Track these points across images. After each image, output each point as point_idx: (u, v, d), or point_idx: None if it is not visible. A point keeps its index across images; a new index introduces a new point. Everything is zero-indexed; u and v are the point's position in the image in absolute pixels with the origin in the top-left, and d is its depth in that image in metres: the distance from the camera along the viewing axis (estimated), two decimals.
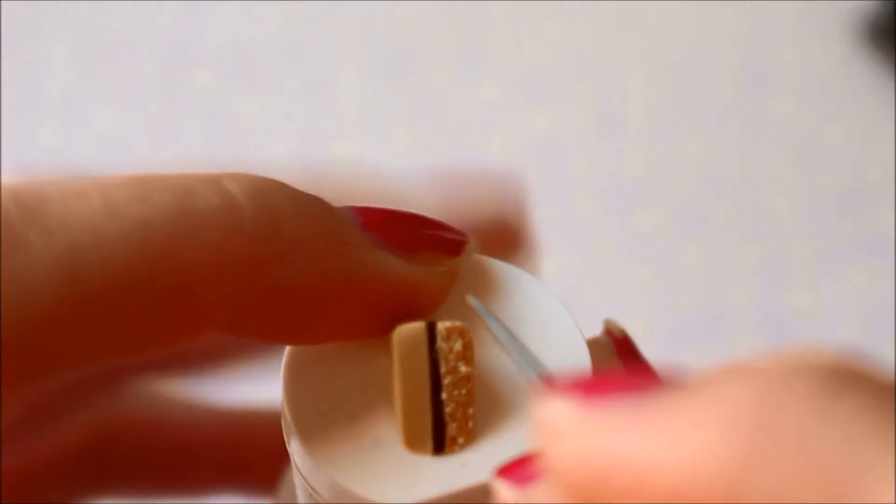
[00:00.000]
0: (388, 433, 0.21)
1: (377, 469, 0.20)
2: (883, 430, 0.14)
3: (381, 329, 0.21)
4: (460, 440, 0.21)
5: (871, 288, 0.63)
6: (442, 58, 0.70)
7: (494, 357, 0.22)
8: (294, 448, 0.21)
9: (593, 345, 0.22)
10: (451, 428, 0.21)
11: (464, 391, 0.21)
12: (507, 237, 0.25)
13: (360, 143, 0.67)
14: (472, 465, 0.21)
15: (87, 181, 0.20)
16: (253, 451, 0.30)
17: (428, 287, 0.22)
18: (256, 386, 0.29)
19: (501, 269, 0.23)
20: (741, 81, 0.69)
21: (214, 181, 0.20)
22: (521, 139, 0.67)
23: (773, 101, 0.69)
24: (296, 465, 0.21)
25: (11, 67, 0.69)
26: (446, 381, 0.21)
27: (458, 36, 0.71)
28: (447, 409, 0.21)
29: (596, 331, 0.25)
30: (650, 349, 0.67)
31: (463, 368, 0.21)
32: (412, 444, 0.21)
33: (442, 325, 0.21)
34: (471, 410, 0.21)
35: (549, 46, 0.71)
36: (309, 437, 0.21)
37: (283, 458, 0.28)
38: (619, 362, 0.23)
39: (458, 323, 0.21)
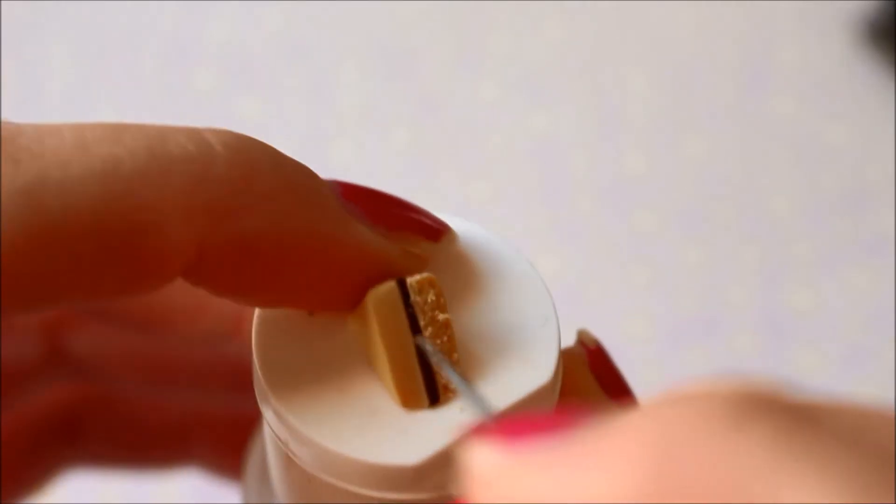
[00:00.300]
0: (378, 397, 0.21)
1: (380, 434, 0.21)
2: (784, 462, 0.14)
3: (346, 302, 0.22)
4: (452, 387, 0.21)
5: (871, 288, 0.63)
6: (442, 58, 0.70)
7: (462, 301, 0.22)
8: (276, 425, 0.21)
9: (567, 355, 0.23)
10: (442, 377, 0.21)
11: (445, 338, 0.21)
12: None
13: (360, 143, 0.67)
14: (469, 407, 0.21)
15: (64, 123, 0.20)
16: (215, 427, 0.30)
17: (398, 265, 0.22)
18: None
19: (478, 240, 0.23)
20: (741, 81, 0.69)
21: (195, 131, 0.20)
22: (521, 139, 0.67)
23: (773, 101, 0.69)
24: (276, 439, 0.21)
25: (11, 67, 0.69)
26: (427, 332, 0.21)
27: (458, 36, 0.71)
28: (433, 360, 0.21)
29: (595, 332, 0.25)
30: (650, 349, 0.67)
31: (440, 316, 0.21)
32: (408, 401, 0.21)
33: (412, 280, 0.21)
34: (455, 356, 0.21)
35: (549, 46, 0.71)
36: (295, 413, 0.21)
37: (246, 435, 0.28)
38: (591, 373, 0.23)
39: (426, 274, 0.21)
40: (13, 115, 0.66)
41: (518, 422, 0.17)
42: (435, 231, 0.22)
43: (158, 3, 0.72)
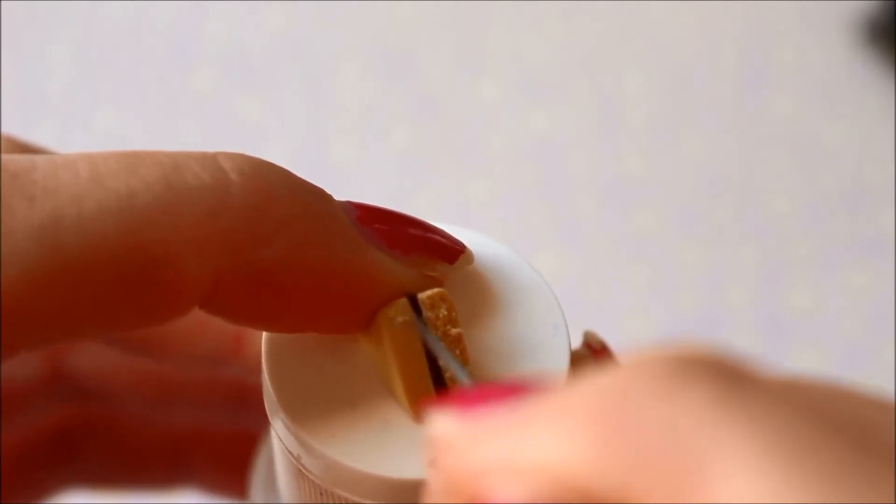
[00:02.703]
0: (390, 411, 0.21)
1: (393, 448, 0.21)
2: (721, 421, 0.15)
3: (360, 325, 0.22)
4: None
5: (871, 288, 0.63)
6: (442, 58, 0.70)
7: (474, 316, 0.22)
8: (287, 439, 0.21)
9: (573, 357, 0.23)
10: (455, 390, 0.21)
11: (458, 352, 0.21)
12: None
13: (360, 143, 0.67)
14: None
15: (78, 154, 0.20)
16: (214, 446, 0.30)
17: (414, 289, 0.22)
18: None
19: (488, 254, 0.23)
20: (741, 81, 0.69)
21: (209, 158, 0.20)
22: (520, 139, 0.67)
23: (772, 102, 0.69)
24: (287, 453, 0.21)
25: (11, 67, 0.69)
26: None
27: (458, 36, 0.71)
28: (447, 374, 0.21)
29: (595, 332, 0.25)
30: None
31: (453, 331, 0.21)
32: (421, 415, 0.21)
33: (423, 295, 0.21)
34: (468, 368, 0.21)
35: (549, 46, 0.71)
36: (307, 426, 0.21)
37: (245, 453, 0.28)
38: None
39: (437, 290, 0.21)
40: (13, 116, 0.66)
41: (476, 392, 0.18)
42: (452, 252, 0.22)
43: (158, 3, 0.72)
